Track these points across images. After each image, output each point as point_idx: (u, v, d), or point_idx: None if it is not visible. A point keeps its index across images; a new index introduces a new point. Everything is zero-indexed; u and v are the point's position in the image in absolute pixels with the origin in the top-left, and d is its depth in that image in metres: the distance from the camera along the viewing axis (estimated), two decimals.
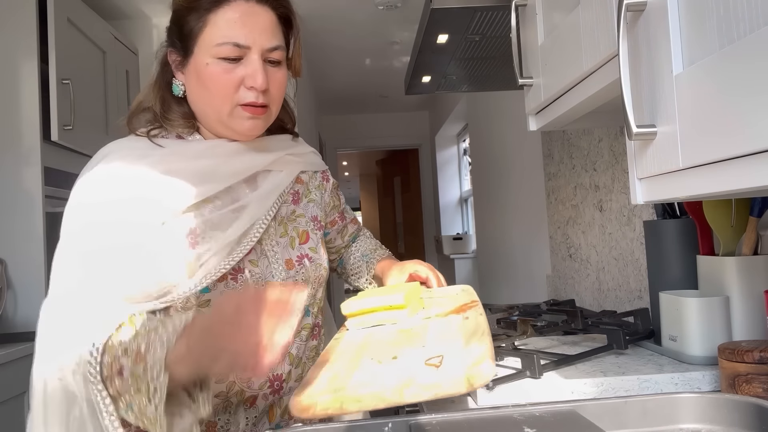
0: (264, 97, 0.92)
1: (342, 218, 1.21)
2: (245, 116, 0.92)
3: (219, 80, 0.90)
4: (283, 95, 0.97)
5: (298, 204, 1.06)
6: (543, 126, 1.15)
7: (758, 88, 0.46)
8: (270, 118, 0.96)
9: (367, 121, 6.42)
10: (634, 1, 0.64)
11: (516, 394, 0.93)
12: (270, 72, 0.92)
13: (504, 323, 1.35)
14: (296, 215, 1.04)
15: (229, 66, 0.89)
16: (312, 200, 1.09)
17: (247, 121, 0.93)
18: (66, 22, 2.15)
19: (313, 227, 1.06)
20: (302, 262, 1.00)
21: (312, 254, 1.02)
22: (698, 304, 0.99)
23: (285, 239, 1.00)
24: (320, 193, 1.12)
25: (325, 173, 1.16)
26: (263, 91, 0.91)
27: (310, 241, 1.03)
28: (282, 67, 0.94)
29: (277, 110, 0.98)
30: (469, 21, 1.39)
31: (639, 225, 1.52)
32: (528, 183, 2.61)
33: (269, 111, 0.95)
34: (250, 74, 0.89)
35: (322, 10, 3.28)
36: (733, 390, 0.82)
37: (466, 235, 5.46)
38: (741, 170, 0.51)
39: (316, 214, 1.08)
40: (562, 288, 2.13)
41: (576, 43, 0.88)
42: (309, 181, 1.10)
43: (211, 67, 0.90)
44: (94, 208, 0.86)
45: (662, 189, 0.65)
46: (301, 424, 0.73)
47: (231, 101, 0.91)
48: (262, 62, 0.90)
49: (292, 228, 1.02)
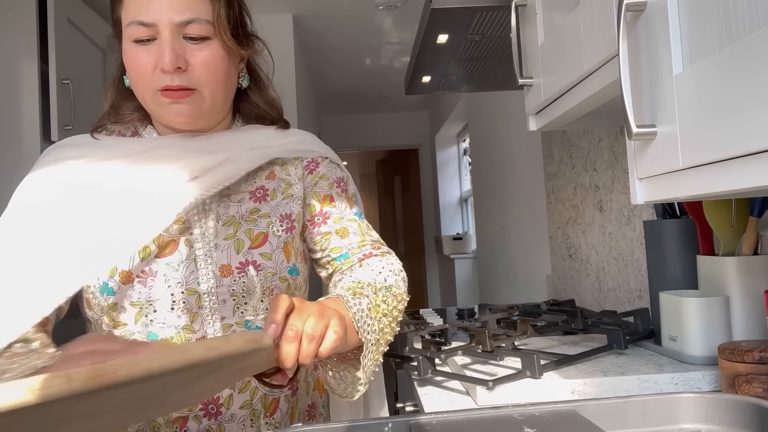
0: (182, 79, 0.83)
1: (315, 224, 0.95)
2: (166, 102, 0.84)
3: (135, 65, 0.84)
4: (217, 75, 0.86)
5: (264, 202, 0.93)
6: (543, 126, 1.15)
7: (758, 88, 0.46)
8: (202, 104, 0.86)
9: (367, 121, 6.42)
10: (634, 1, 0.64)
11: (516, 394, 0.93)
12: (190, 50, 0.84)
13: (504, 323, 1.35)
14: (259, 215, 0.91)
15: (142, 48, 0.83)
16: (290, 195, 0.95)
17: (170, 107, 0.85)
18: (66, 22, 2.15)
19: (279, 229, 0.92)
20: (244, 269, 0.87)
21: (262, 261, 0.88)
22: (698, 304, 0.99)
23: (229, 242, 0.88)
24: (302, 186, 0.96)
25: (312, 162, 0.98)
26: (181, 73, 0.83)
27: (266, 246, 0.89)
28: (209, 44, 0.85)
29: (215, 95, 0.87)
30: (469, 21, 1.39)
31: (639, 225, 1.52)
32: (528, 183, 2.61)
33: (198, 95, 0.85)
34: (159, 54, 0.82)
35: (322, 10, 3.28)
36: (733, 390, 0.82)
37: (466, 235, 5.46)
38: (741, 170, 0.51)
39: (289, 212, 0.94)
40: (562, 288, 2.13)
41: (576, 43, 0.88)
42: (290, 173, 0.96)
43: (128, 52, 0.85)
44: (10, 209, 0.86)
45: (662, 189, 0.65)
46: (301, 424, 0.73)
47: (150, 87, 0.84)
48: (173, 40, 0.82)
49: (244, 230, 0.90)
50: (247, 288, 0.88)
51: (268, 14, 3.22)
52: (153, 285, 0.85)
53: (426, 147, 6.52)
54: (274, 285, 0.89)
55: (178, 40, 0.83)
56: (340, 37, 3.78)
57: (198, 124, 0.90)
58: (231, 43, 0.86)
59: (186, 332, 0.86)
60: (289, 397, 0.93)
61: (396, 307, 0.85)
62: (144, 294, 0.85)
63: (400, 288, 0.88)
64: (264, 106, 0.98)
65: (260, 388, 0.89)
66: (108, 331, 0.87)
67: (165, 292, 0.85)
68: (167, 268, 0.86)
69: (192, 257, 0.87)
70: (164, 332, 0.86)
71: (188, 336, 0.86)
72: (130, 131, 0.94)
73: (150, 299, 0.85)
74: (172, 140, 0.91)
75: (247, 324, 0.89)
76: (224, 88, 0.89)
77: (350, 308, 0.76)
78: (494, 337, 1.13)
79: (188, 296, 0.86)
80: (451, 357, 1.10)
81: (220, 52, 0.86)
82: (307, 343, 0.65)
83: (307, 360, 0.65)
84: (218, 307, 0.87)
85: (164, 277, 0.85)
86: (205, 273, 0.87)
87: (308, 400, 0.99)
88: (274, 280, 0.89)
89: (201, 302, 0.86)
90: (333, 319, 0.67)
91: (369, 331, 0.77)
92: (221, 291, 0.87)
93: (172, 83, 0.83)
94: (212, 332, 0.87)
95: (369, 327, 0.77)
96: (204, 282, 0.86)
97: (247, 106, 0.99)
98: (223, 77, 0.87)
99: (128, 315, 0.86)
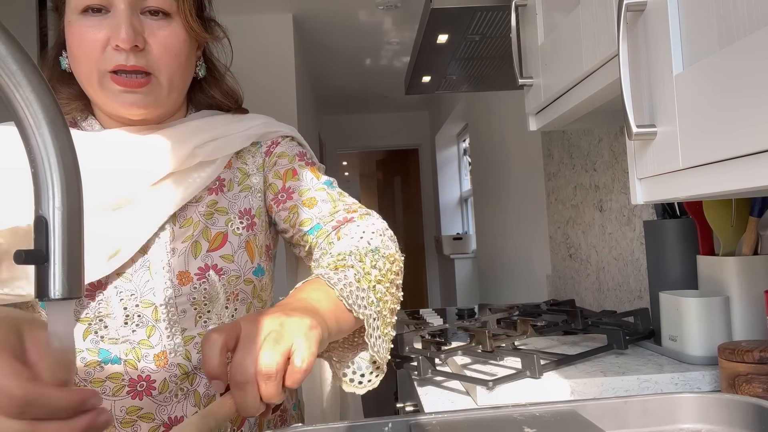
0: (138, 59, 0.72)
1: (280, 202, 0.85)
2: (117, 89, 0.73)
3: (81, 41, 0.72)
4: (178, 59, 0.76)
5: (221, 194, 0.83)
6: (543, 126, 1.15)
7: (758, 88, 0.46)
8: (159, 92, 0.76)
9: (367, 121, 6.42)
10: (634, 1, 0.64)
11: (516, 394, 0.93)
12: (150, 27, 0.74)
13: (504, 323, 1.35)
14: (216, 208, 0.82)
15: (92, 21, 0.72)
16: (247, 187, 0.85)
17: (121, 96, 0.74)
18: None
19: (240, 227, 0.82)
20: (205, 275, 0.78)
21: (224, 264, 0.79)
22: (698, 304, 0.99)
23: (187, 245, 0.78)
24: (261, 177, 0.87)
25: (272, 145, 0.88)
26: (137, 52, 0.72)
27: (226, 247, 0.80)
28: (171, 21, 0.75)
29: (173, 81, 0.77)
30: (469, 21, 1.39)
31: (639, 225, 1.52)
32: (528, 183, 2.61)
33: (155, 81, 0.75)
34: (114, 28, 0.71)
35: (322, 10, 3.28)
36: (733, 390, 0.82)
37: (466, 235, 5.46)
38: (741, 170, 0.51)
39: (249, 207, 0.84)
40: (562, 288, 2.13)
41: (576, 43, 0.88)
42: (248, 162, 0.87)
43: (72, 25, 0.73)
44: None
45: (662, 189, 0.65)
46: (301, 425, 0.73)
47: (97, 67, 0.73)
48: (131, 13, 0.72)
49: (201, 230, 0.80)
50: (209, 295, 0.78)
51: (268, 14, 3.22)
52: (102, 299, 0.75)
53: (426, 147, 6.52)
54: (238, 289, 0.80)
55: (135, 15, 0.73)
56: (340, 37, 3.78)
57: (152, 115, 0.79)
58: (195, 24, 0.77)
59: (142, 347, 0.76)
60: None
61: (390, 270, 0.74)
62: (93, 309, 0.74)
63: (389, 248, 0.77)
64: (220, 97, 0.88)
65: None
66: None
67: (117, 306, 0.75)
68: (119, 280, 0.75)
69: (146, 265, 0.76)
70: (117, 348, 0.76)
71: (145, 351, 0.76)
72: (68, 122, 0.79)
73: (99, 314, 0.75)
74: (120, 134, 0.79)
75: None
76: (182, 75, 0.79)
77: (334, 286, 0.66)
78: (494, 337, 1.13)
79: (143, 309, 0.76)
80: (451, 357, 1.10)
81: (182, 34, 0.76)
82: (265, 385, 0.53)
83: (273, 399, 0.54)
84: (178, 319, 0.77)
85: (115, 289, 0.75)
86: (161, 282, 0.76)
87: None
88: (238, 283, 0.80)
89: (158, 315, 0.76)
90: (297, 337, 0.55)
91: (365, 305, 0.67)
92: (180, 301, 0.77)
93: (127, 63, 0.72)
94: (172, 345, 0.77)
95: (363, 301, 0.67)
96: (160, 292, 0.76)
97: (201, 97, 0.88)
98: (183, 62, 0.78)
99: (75, 332, 0.75)
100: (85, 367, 0.76)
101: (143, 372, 0.76)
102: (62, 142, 0.41)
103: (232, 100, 0.90)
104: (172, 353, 0.77)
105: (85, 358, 0.76)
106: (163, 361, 0.77)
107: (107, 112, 0.80)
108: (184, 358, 0.78)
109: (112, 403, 0.76)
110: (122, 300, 0.75)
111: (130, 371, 0.76)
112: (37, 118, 0.40)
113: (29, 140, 0.41)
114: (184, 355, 0.78)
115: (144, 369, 0.76)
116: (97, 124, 0.82)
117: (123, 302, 0.75)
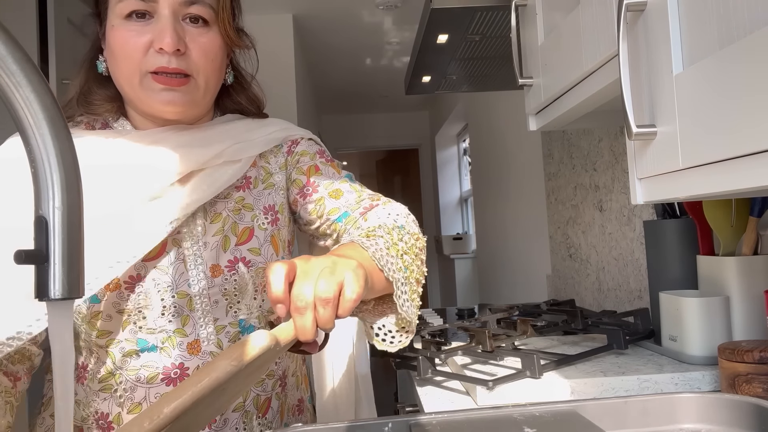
0: (180, 62, 0.78)
1: (306, 195, 0.90)
2: (157, 88, 0.78)
3: (125, 44, 0.77)
4: (214, 64, 0.82)
5: (248, 190, 0.89)
6: (543, 126, 1.15)
7: (758, 88, 0.46)
8: (196, 93, 0.82)
9: (367, 121, 6.42)
10: (634, 1, 0.64)
11: (516, 394, 0.93)
12: (190, 33, 0.79)
13: (504, 323, 1.35)
14: (243, 204, 0.88)
15: (136, 26, 0.77)
16: (271, 185, 0.91)
17: (161, 94, 0.79)
18: (66, 22, 2.15)
19: (264, 221, 0.88)
20: (235, 267, 0.83)
21: (251, 257, 0.85)
22: (698, 304, 0.99)
23: (217, 238, 0.84)
24: (283, 176, 0.93)
25: (292, 144, 0.94)
26: (179, 56, 0.78)
27: (253, 241, 0.86)
28: (210, 29, 0.81)
29: (209, 83, 0.83)
30: (469, 21, 1.39)
31: (639, 225, 1.52)
32: (528, 183, 2.61)
33: (193, 83, 0.81)
34: (158, 33, 0.77)
35: (322, 10, 3.28)
36: (733, 390, 0.82)
37: (466, 235, 5.46)
38: (741, 170, 0.51)
39: (272, 203, 0.90)
40: (562, 288, 2.13)
41: (576, 43, 0.88)
42: (270, 161, 0.93)
43: (116, 29, 0.78)
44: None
45: (662, 189, 0.65)
46: (301, 425, 0.73)
47: (140, 69, 0.78)
48: (174, 20, 0.78)
49: (230, 225, 0.85)
50: (239, 286, 0.84)
51: (268, 14, 3.22)
52: (141, 291, 0.79)
53: (426, 147, 6.52)
54: (265, 281, 0.86)
55: (178, 21, 0.79)
56: (340, 37, 3.78)
57: (186, 114, 0.84)
58: (231, 33, 0.83)
59: (177, 336, 0.82)
60: (279, 394, 0.91)
61: (415, 245, 0.78)
62: (132, 301, 0.79)
63: (413, 228, 0.82)
64: (246, 103, 0.95)
65: (253, 389, 0.87)
66: (87, 340, 0.82)
67: (155, 297, 0.80)
68: (156, 272, 0.80)
69: (181, 258, 0.82)
70: (154, 338, 0.81)
71: (180, 340, 0.82)
72: (100, 123, 0.87)
73: (139, 306, 0.80)
74: (151, 134, 0.84)
75: (241, 323, 0.85)
76: (216, 79, 0.85)
77: (368, 248, 0.69)
78: (494, 337, 1.13)
79: (179, 300, 0.81)
80: (451, 357, 1.10)
81: (219, 41, 0.82)
82: (323, 309, 0.57)
83: (328, 325, 0.58)
84: (210, 309, 0.83)
85: (153, 281, 0.80)
86: (195, 274, 0.82)
87: (298, 394, 0.96)
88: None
89: (192, 305, 0.82)
90: (348, 272, 0.59)
91: (394, 270, 0.70)
92: (213, 292, 0.82)
93: (169, 65, 0.77)
94: (205, 335, 0.83)
95: (393, 266, 0.70)
96: (195, 284, 0.82)
97: (228, 102, 0.94)
98: (218, 67, 0.84)
99: (113, 323, 0.80)
100: (123, 357, 0.81)
101: (177, 360, 0.81)
102: (62, 142, 0.41)
103: (255, 106, 0.96)
104: (205, 341, 0.83)
105: (124, 348, 0.80)
106: (196, 349, 0.82)
107: (144, 111, 0.83)
108: (216, 346, 0.83)
109: (147, 390, 0.81)
110: (159, 291, 0.80)
111: (165, 359, 0.81)
112: (37, 118, 0.41)
113: (29, 140, 0.41)
114: (216, 344, 0.83)
115: (178, 357, 0.81)
116: (129, 125, 0.87)
117: (160, 294, 0.80)
